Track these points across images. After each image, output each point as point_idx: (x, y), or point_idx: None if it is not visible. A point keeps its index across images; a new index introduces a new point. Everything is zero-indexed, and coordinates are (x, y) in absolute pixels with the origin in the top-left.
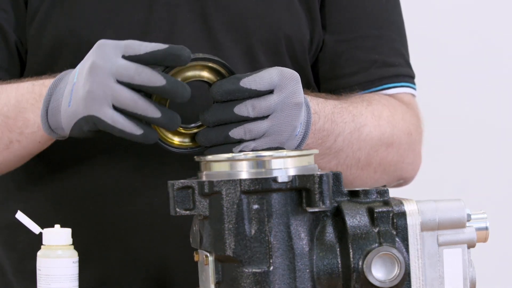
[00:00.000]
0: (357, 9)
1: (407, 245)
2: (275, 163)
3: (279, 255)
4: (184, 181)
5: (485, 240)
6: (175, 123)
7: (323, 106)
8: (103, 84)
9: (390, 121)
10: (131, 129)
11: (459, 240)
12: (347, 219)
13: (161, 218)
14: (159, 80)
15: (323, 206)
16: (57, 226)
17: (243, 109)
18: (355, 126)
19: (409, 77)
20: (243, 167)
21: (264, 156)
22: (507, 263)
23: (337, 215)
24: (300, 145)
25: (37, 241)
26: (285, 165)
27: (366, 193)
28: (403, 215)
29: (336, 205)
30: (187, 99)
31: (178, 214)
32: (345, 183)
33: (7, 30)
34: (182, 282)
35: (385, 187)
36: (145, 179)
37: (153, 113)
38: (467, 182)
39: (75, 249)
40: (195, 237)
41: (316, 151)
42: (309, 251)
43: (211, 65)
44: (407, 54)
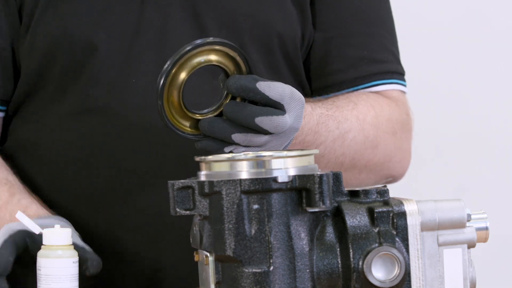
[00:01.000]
0: (346, 6)
1: (407, 245)
2: (275, 163)
3: (279, 255)
4: (184, 181)
5: (485, 240)
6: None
7: (309, 119)
8: None
9: (374, 124)
10: None
11: (459, 240)
12: (347, 219)
13: (155, 218)
14: None
15: (323, 206)
16: (57, 226)
17: (265, 122)
18: (339, 133)
19: (398, 73)
20: (243, 167)
21: (264, 156)
22: (507, 263)
23: (337, 215)
24: None
25: None
26: (285, 165)
27: (366, 193)
28: (403, 215)
29: (336, 205)
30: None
31: (178, 214)
32: None
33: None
34: (176, 282)
35: (385, 187)
36: (139, 180)
37: None
38: (467, 182)
39: None
40: (195, 237)
41: (316, 151)
42: (309, 251)
43: (217, 48)
44: (396, 51)
